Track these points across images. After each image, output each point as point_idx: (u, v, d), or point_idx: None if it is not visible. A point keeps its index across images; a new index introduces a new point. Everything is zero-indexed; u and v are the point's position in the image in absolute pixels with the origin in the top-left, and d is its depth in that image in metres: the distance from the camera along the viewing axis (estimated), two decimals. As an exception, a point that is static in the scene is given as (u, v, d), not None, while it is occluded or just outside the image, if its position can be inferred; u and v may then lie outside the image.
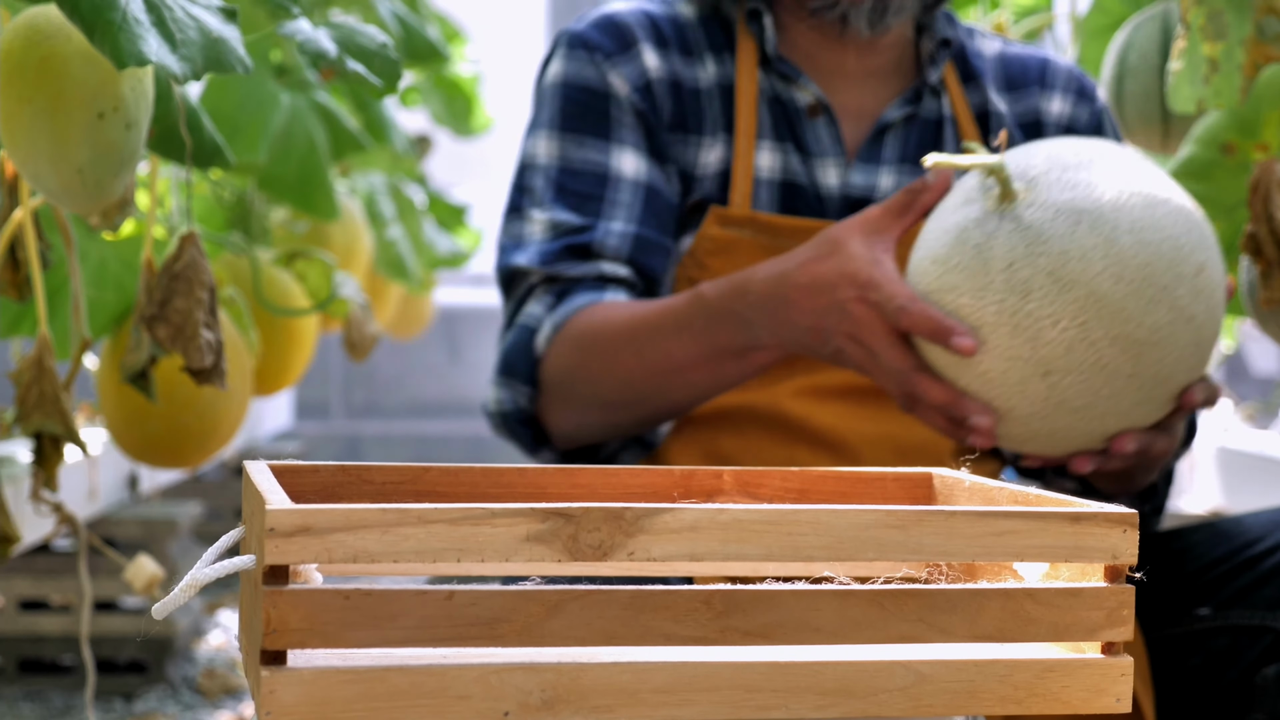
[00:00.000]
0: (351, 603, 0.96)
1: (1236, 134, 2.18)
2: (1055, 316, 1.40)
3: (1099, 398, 1.43)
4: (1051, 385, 1.42)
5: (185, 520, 3.14)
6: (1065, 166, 1.46)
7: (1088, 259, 1.40)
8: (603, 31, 1.80)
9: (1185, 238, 1.44)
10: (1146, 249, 1.41)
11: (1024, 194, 1.44)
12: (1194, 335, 1.44)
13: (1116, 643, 1.06)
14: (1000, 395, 1.44)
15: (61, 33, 1.52)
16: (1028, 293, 1.40)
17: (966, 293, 1.43)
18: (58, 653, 3.00)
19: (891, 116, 1.81)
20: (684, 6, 1.85)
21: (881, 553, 1.02)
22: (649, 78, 1.78)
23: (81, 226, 2.01)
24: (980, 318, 1.42)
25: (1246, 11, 1.85)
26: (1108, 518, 1.05)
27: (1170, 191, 1.47)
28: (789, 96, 1.80)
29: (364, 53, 1.58)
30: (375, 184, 3.55)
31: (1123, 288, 1.39)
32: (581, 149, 1.77)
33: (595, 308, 1.70)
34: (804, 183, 1.79)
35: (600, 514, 0.98)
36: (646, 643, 1.00)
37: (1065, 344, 1.40)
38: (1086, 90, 1.90)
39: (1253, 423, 3.96)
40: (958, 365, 1.45)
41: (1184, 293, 1.42)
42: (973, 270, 1.43)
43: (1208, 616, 1.71)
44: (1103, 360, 1.41)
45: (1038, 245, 1.41)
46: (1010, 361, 1.42)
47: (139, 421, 2.20)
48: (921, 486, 1.27)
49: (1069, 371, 1.41)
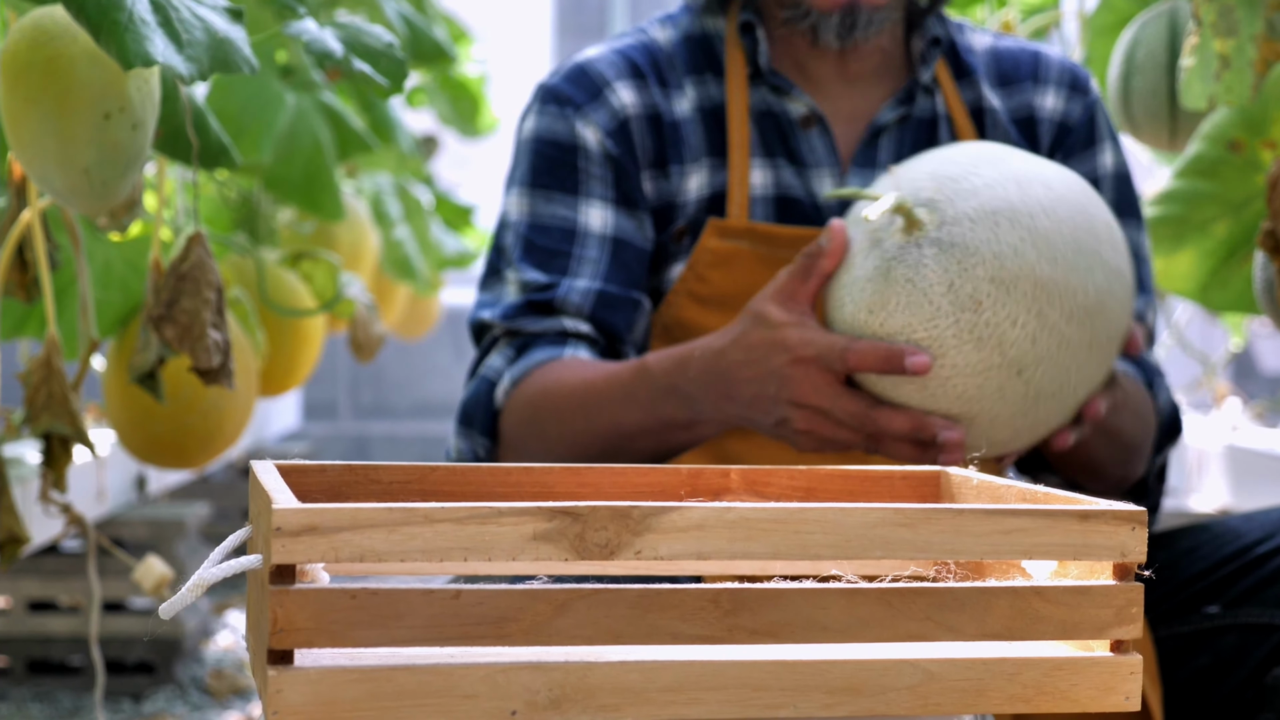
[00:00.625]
0: (358, 602, 0.96)
1: (1244, 131, 2.18)
2: (1012, 316, 1.42)
3: (1069, 375, 1.46)
4: (1028, 381, 1.44)
5: (193, 521, 3.14)
6: (954, 178, 1.48)
7: (1020, 253, 1.43)
8: (573, 82, 1.81)
9: (1085, 201, 1.48)
10: (1064, 224, 1.45)
11: (929, 217, 1.46)
12: (1124, 286, 1.48)
13: (1125, 640, 1.05)
14: (983, 408, 1.46)
15: (67, 34, 1.52)
16: (978, 304, 1.43)
17: (919, 326, 1.44)
18: (66, 653, 3.00)
19: (885, 118, 1.80)
20: (660, 32, 1.85)
21: (889, 551, 1.02)
22: (624, 116, 1.78)
23: (87, 227, 2.01)
24: (941, 344, 1.44)
25: (1258, 8, 1.85)
26: (1116, 515, 1.04)
27: (1049, 165, 1.52)
28: (781, 109, 1.80)
29: (370, 53, 1.58)
30: (382, 184, 3.55)
31: (1060, 267, 1.43)
32: (550, 204, 1.78)
33: (551, 366, 1.71)
34: (799, 195, 1.78)
35: (607, 513, 0.98)
36: (654, 641, 0.99)
37: (1029, 338, 1.43)
38: (1079, 84, 1.88)
39: (1261, 421, 3.96)
40: (933, 398, 1.46)
41: (1106, 251, 1.46)
42: (915, 303, 1.44)
43: (1216, 615, 1.70)
44: (1065, 339, 1.44)
45: (969, 258, 1.43)
46: (984, 374, 1.44)
47: (144, 422, 2.20)
48: (929, 484, 1.26)
49: (1040, 362, 1.44)
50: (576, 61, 1.83)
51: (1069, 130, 1.86)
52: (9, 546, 1.82)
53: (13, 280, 1.82)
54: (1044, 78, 1.87)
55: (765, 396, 1.53)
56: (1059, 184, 1.49)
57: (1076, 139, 1.85)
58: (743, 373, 1.54)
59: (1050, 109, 1.87)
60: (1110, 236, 1.48)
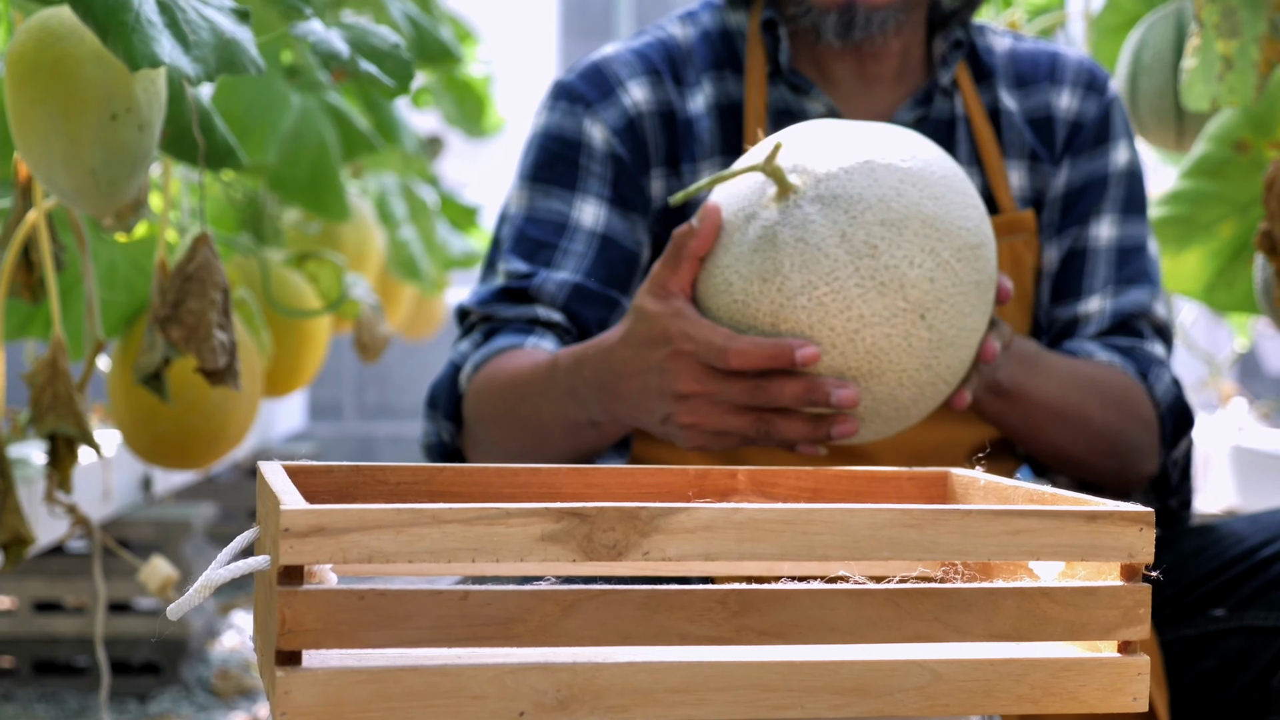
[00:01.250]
0: (366, 603, 0.96)
1: (1250, 131, 2.18)
2: (909, 256, 1.40)
3: (965, 318, 1.43)
4: (931, 325, 1.41)
5: (199, 521, 3.14)
6: (810, 141, 1.46)
7: (902, 193, 1.41)
8: (587, 80, 1.81)
9: (935, 147, 1.47)
10: (929, 165, 1.44)
11: (800, 180, 1.43)
12: (991, 230, 1.47)
13: (1133, 641, 1.05)
14: (891, 361, 1.41)
15: (74, 34, 1.52)
16: (874, 249, 1.40)
17: (819, 281, 1.40)
18: (72, 654, 3.00)
19: (902, 119, 1.80)
20: (680, 29, 1.85)
21: (897, 552, 1.02)
22: (636, 114, 1.78)
23: (93, 228, 2.01)
24: (845, 296, 1.40)
25: (1261, 9, 1.85)
26: (1124, 516, 1.04)
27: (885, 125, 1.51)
28: (800, 108, 1.79)
29: (376, 54, 1.58)
30: (387, 185, 3.55)
31: (941, 204, 1.42)
32: (547, 199, 1.79)
33: (507, 354, 1.70)
34: None
35: (615, 514, 0.98)
36: (662, 642, 0.99)
37: (928, 277, 1.40)
38: (1097, 83, 1.88)
39: (1267, 421, 3.95)
40: (844, 357, 1.41)
41: (970, 192, 1.45)
42: (811, 260, 1.41)
43: (1222, 618, 1.70)
44: (959, 278, 1.41)
45: (855, 205, 1.41)
46: (891, 321, 1.40)
47: (149, 423, 2.20)
48: (936, 486, 1.26)
49: (940, 303, 1.41)
50: (593, 60, 1.84)
51: (1081, 128, 1.86)
52: (14, 547, 1.82)
53: (18, 281, 1.83)
54: (1060, 78, 1.87)
55: (649, 392, 1.48)
56: (906, 134, 1.48)
57: (1087, 136, 1.85)
58: (626, 369, 1.49)
59: (1065, 108, 1.86)
60: (971, 186, 1.47)
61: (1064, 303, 1.82)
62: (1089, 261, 1.84)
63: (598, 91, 1.79)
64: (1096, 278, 1.83)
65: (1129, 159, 1.87)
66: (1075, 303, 1.81)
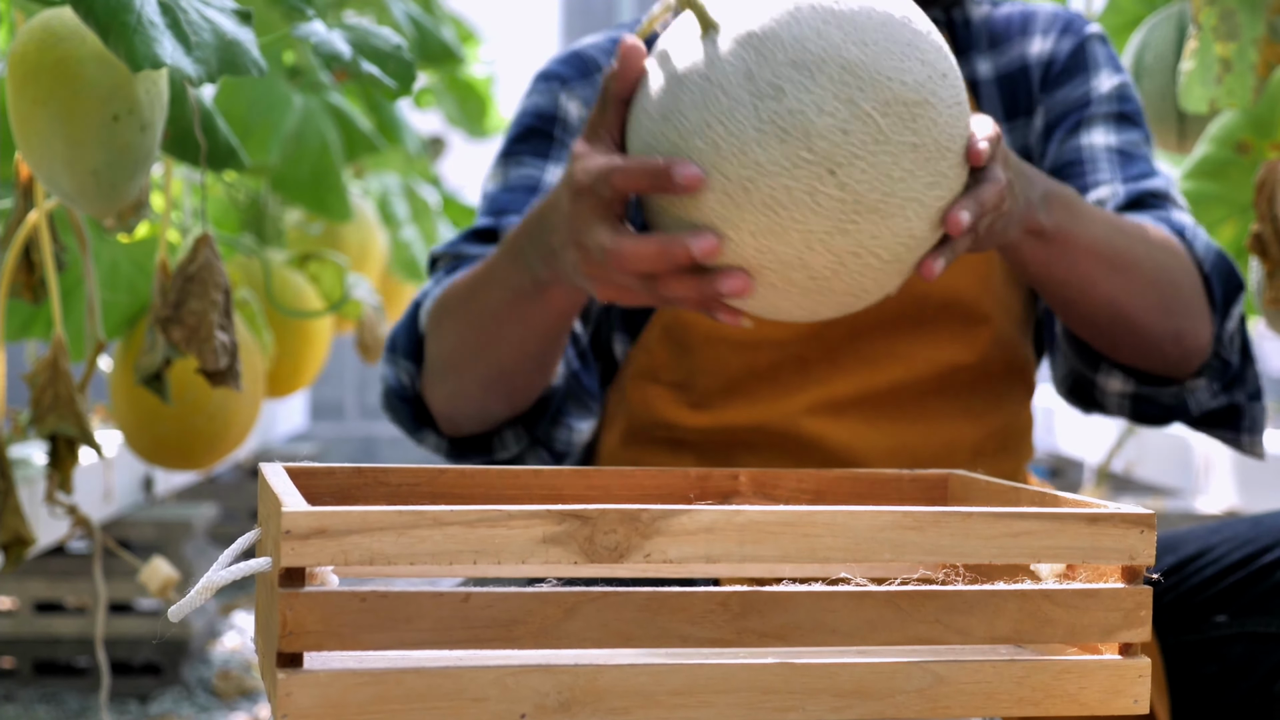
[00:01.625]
0: (368, 605, 0.96)
1: (1252, 133, 2.18)
2: (818, 102, 1.24)
3: (894, 182, 1.26)
4: (843, 184, 1.24)
5: (200, 522, 3.14)
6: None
7: (824, 34, 1.26)
8: (565, 63, 1.81)
9: (900, 4, 1.32)
10: (875, 12, 1.28)
11: (724, 16, 1.29)
12: (953, 93, 1.30)
13: (1134, 644, 1.05)
14: (794, 218, 1.25)
15: (76, 35, 1.52)
16: (779, 91, 1.24)
17: (715, 121, 1.25)
18: (73, 654, 3.00)
19: None
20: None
21: (898, 554, 1.02)
22: None
23: (94, 228, 2.01)
24: (742, 141, 1.24)
25: (1259, 11, 1.85)
26: (1125, 518, 1.04)
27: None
28: None
29: (379, 55, 1.58)
30: (389, 185, 3.55)
31: (871, 50, 1.26)
32: (520, 168, 1.76)
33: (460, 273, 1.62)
34: None
35: (617, 515, 0.98)
36: (663, 644, 0.99)
37: (839, 128, 1.24)
38: (1073, 26, 1.80)
39: (1269, 422, 3.95)
40: (738, 208, 1.26)
41: (927, 48, 1.29)
42: (711, 97, 1.26)
43: (1224, 624, 1.69)
44: (883, 135, 1.25)
45: (767, 43, 1.26)
46: (792, 171, 1.24)
47: (151, 423, 2.20)
48: (938, 488, 1.26)
49: (855, 159, 1.24)
50: (573, 47, 1.83)
51: (1053, 63, 1.79)
52: (15, 548, 1.82)
53: (19, 281, 1.83)
54: (1032, 29, 1.81)
55: (562, 239, 1.38)
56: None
57: (1061, 69, 1.78)
58: (551, 217, 1.41)
59: (1038, 52, 1.80)
60: (933, 40, 1.31)
61: None
62: (1088, 164, 1.75)
63: (574, 71, 1.79)
64: (1100, 174, 1.73)
65: (1117, 85, 1.78)
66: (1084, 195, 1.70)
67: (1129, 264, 1.59)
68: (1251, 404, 1.73)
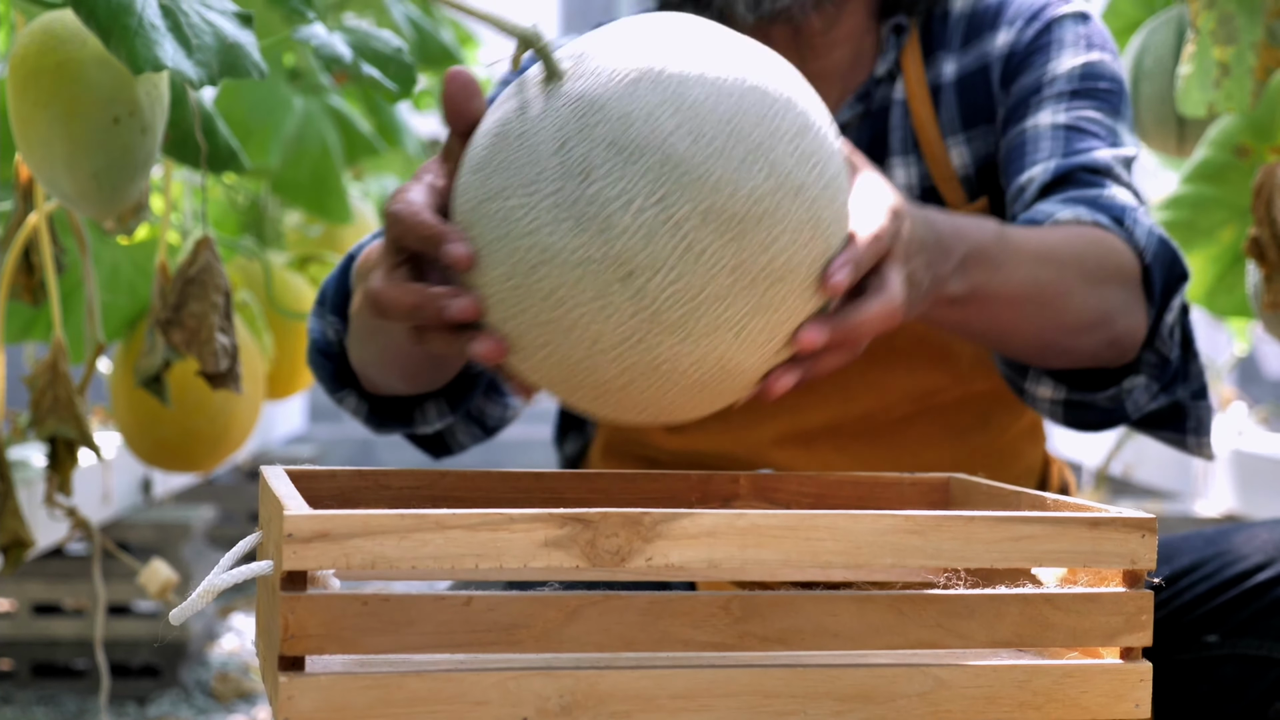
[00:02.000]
0: (369, 608, 0.96)
1: (1251, 137, 2.18)
2: (627, 195, 1.07)
3: (699, 303, 1.08)
4: (639, 293, 1.08)
5: (199, 524, 3.14)
6: (618, 34, 1.15)
7: (655, 118, 1.09)
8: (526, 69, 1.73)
9: (776, 90, 1.12)
10: (727, 99, 1.10)
11: (571, 67, 1.13)
12: (808, 212, 1.10)
13: (1135, 648, 1.05)
14: (577, 318, 1.09)
15: (77, 38, 1.52)
16: (588, 173, 1.08)
17: (515, 190, 1.10)
18: (71, 657, 3.00)
19: (842, 118, 1.67)
20: None
21: (900, 558, 1.02)
22: None
23: (94, 230, 2.01)
24: (536, 217, 1.09)
25: (1258, 15, 1.85)
26: (1126, 523, 1.04)
27: (756, 47, 1.17)
28: None
29: (379, 57, 1.58)
30: (388, 187, 3.55)
31: (704, 147, 1.08)
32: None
33: None
34: None
35: (618, 519, 0.98)
36: (665, 648, 1.00)
37: (644, 230, 1.07)
38: (1039, 13, 1.67)
39: (1267, 425, 3.96)
40: (518, 292, 1.10)
41: (785, 153, 1.10)
42: (520, 162, 1.11)
43: (1215, 644, 1.65)
44: (696, 246, 1.07)
45: (592, 114, 1.10)
46: (581, 268, 1.08)
47: (151, 425, 2.20)
48: (939, 491, 1.26)
49: (656, 268, 1.07)
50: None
51: (1013, 56, 1.67)
52: (14, 550, 1.82)
53: (19, 283, 1.83)
54: (1001, 21, 1.69)
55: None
56: (747, 59, 1.13)
57: (1020, 59, 1.67)
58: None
59: (1000, 46, 1.67)
60: (802, 144, 1.11)
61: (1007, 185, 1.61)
62: (1028, 145, 1.62)
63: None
64: (1038, 153, 1.60)
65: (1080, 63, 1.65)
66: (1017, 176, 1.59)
67: (1058, 294, 1.47)
68: (1196, 403, 1.62)
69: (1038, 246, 1.46)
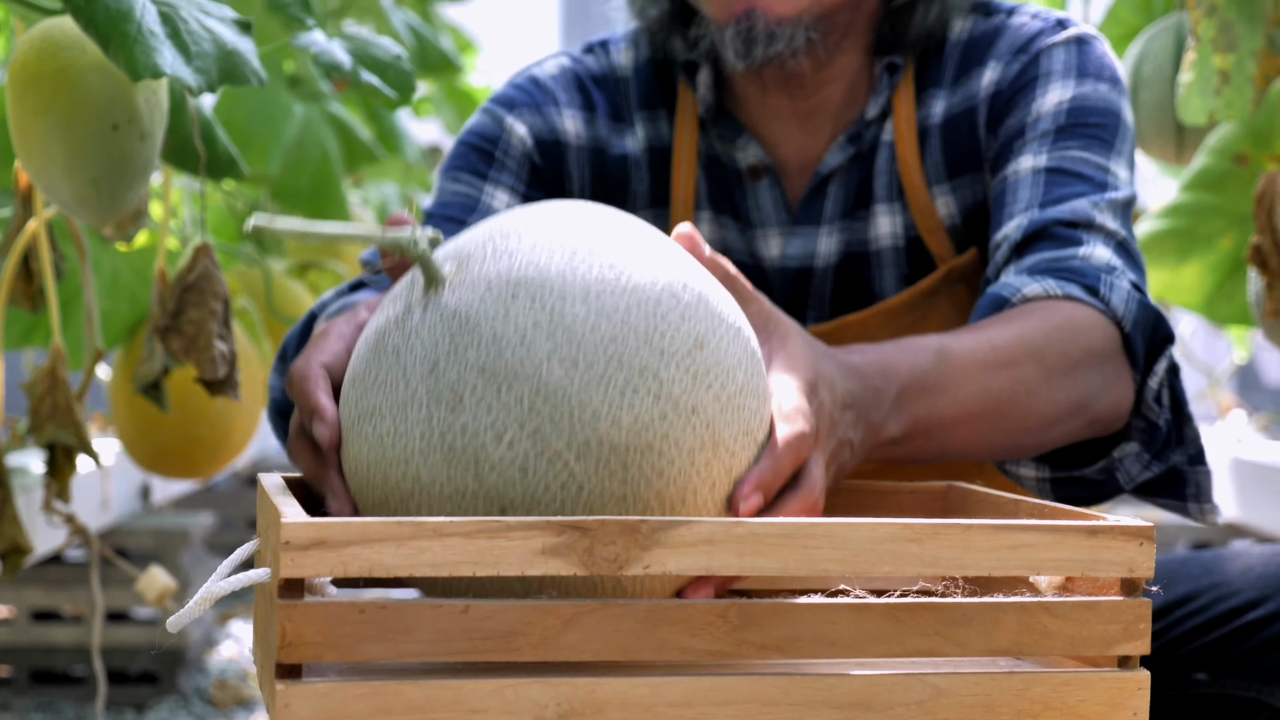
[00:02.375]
0: (367, 616, 0.96)
1: (1250, 144, 2.19)
2: (498, 428, 1.01)
3: None
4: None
5: (197, 531, 3.14)
6: (507, 234, 1.08)
7: (529, 342, 1.02)
8: (519, 88, 1.69)
9: (670, 303, 1.05)
10: (610, 319, 1.03)
11: (455, 276, 1.07)
12: (706, 434, 1.04)
13: (1133, 656, 1.05)
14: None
15: (76, 45, 1.52)
16: (458, 400, 1.02)
17: (387, 415, 1.05)
18: (69, 663, 3.00)
19: (831, 163, 1.63)
20: (625, 53, 1.71)
21: (897, 566, 1.02)
22: (562, 141, 1.66)
23: (94, 237, 2.01)
24: (408, 446, 1.03)
25: (1258, 23, 1.85)
26: (1124, 531, 1.04)
27: (658, 249, 1.09)
28: (729, 158, 1.65)
29: (379, 65, 1.59)
30: (388, 194, 3.55)
31: (581, 374, 1.02)
32: (456, 184, 1.65)
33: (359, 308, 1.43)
34: (743, 258, 1.64)
35: (616, 527, 0.98)
36: (662, 656, 0.99)
37: (518, 464, 1.01)
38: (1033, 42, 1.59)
39: (1267, 434, 3.96)
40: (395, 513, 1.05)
41: (675, 375, 1.03)
42: (392, 383, 1.05)
43: (1204, 682, 1.61)
44: (575, 480, 1.02)
45: (464, 335, 1.03)
46: (453, 500, 1.03)
47: (150, 432, 2.20)
48: (937, 500, 1.26)
49: (534, 502, 1.02)
50: (530, 72, 1.72)
51: (998, 96, 1.60)
52: (12, 557, 1.82)
53: (18, 290, 1.83)
54: (991, 55, 1.61)
55: None
56: (641, 271, 1.06)
57: (1005, 100, 1.59)
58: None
59: (986, 85, 1.60)
60: (695, 361, 1.04)
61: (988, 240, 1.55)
62: (1006, 196, 1.54)
63: (528, 99, 1.68)
64: (1013, 206, 1.53)
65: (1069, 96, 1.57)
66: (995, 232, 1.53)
67: (1016, 399, 1.38)
68: (1194, 468, 1.53)
69: (987, 353, 1.37)
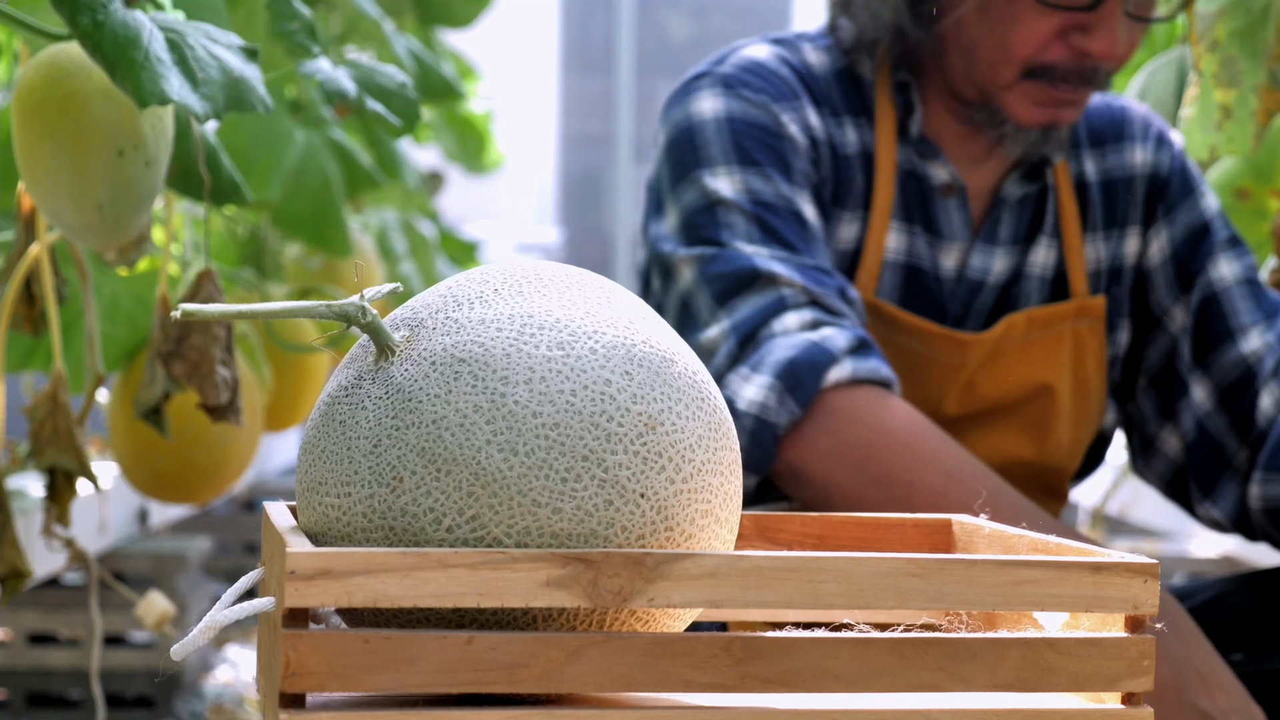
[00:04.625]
0: (371, 646, 0.96)
1: (1252, 179, 2.19)
2: (437, 513, 1.00)
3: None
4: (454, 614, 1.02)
5: (195, 555, 3.14)
6: (460, 302, 1.06)
7: (469, 425, 1.01)
8: (758, 76, 1.72)
9: (621, 383, 1.02)
10: (553, 404, 1.01)
11: (405, 345, 1.06)
12: (658, 518, 1.02)
13: (1137, 694, 1.05)
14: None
15: (83, 70, 1.52)
16: (398, 482, 1.01)
17: (332, 488, 1.04)
18: (66, 687, 2.99)
19: (1009, 193, 1.80)
20: (813, 55, 1.78)
21: (902, 601, 1.01)
22: (813, 135, 1.73)
23: (95, 262, 2.01)
24: (352, 523, 1.03)
25: (1260, 59, 1.85)
26: (1129, 568, 1.04)
27: (622, 319, 1.06)
28: (925, 172, 1.77)
29: (383, 92, 1.59)
30: (388, 220, 3.55)
31: (520, 462, 1.00)
32: (769, 183, 1.67)
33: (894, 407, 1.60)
34: (926, 266, 1.76)
35: (621, 559, 0.98)
36: (666, 689, 0.99)
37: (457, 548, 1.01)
38: (1164, 135, 1.88)
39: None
40: None
41: (623, 460, 1.01)
42: (337, 457, 1.04)
43: (1240, 662, 1.68)
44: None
45: (406, 414, 1.02)
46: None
47: (149, 457, 2.20)
48: (942, 534, 1.26)
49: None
50: (748, 57, 1.74)
51: (1165, 182, 1.86)
52: (11, 580, 1.81)
53: (19, 313, 1.83)
54: (1130, 134, 1.86)
55: None
56: (590, 349, 1.03)
57: (1175, 189, 1.85)
58: None
59: (1140, 163, 1.86)
60: (646, 445, 1.02)
61: (1220, 349, 1.80)
62: (1226, 302, 1.82)
63: (777, 90, 1.72)
64: (1243, 314, 1.81)
65: (1215, 201, 1.87)
66: (1233, 345, 1.79)
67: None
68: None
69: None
